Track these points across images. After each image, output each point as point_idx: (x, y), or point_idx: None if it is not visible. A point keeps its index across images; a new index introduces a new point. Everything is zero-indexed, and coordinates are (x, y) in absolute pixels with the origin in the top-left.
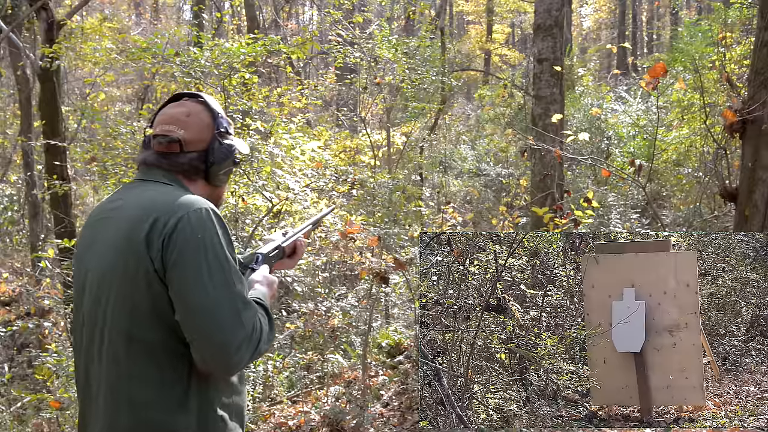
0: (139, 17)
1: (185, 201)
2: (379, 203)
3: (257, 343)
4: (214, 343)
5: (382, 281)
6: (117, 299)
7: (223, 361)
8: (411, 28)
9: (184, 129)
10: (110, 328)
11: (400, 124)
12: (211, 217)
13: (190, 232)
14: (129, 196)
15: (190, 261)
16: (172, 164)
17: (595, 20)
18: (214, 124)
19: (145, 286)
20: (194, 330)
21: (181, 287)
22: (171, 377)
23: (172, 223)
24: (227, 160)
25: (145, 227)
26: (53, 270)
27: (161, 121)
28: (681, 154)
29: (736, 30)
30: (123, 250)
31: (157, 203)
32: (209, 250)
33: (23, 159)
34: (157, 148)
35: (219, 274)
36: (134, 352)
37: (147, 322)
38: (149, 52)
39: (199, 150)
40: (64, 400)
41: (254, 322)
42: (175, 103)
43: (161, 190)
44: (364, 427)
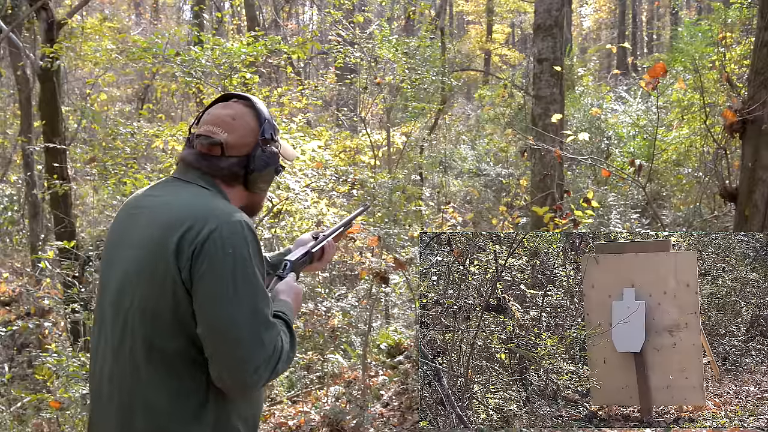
0: (139, 17)
1: (220, 211)
2: (379, 203)
3: (276, 364)
4: (233, 362)
5: (382, 281)
6: (141, 303)
7: (239, 381)
8: (411, 28)
9: (228, 132)
10: (132, 331)
11: (400, 124)
12: (244, 230)
13: (222, 245)
14: (165, 194)
15: (217, 275)
16: (212, 167)
17: (595, 20)
18: (259, 129)
19: (170, 293)
20: (214, 346)
21: (205, 301)
22: (189, 387)
23: (204, 234)
24: (268, 168)
25: (178, 234)
26: (53, 270)
27: (207, 121)
28: (681, 154)
29: (736, 30)
30: (153, 254)
31: (192, 209)
32: (238, 266)
33: (23, 159)
34: (199, 148)
35: (245, 291)
36: (154, 359)
37: (169, 331)
38: (150, 52)
39: (241, 155)
40: (64, 400)
41: (275, 342)
42: (223, 103)
43: (198, 194)
44: (364, 427)
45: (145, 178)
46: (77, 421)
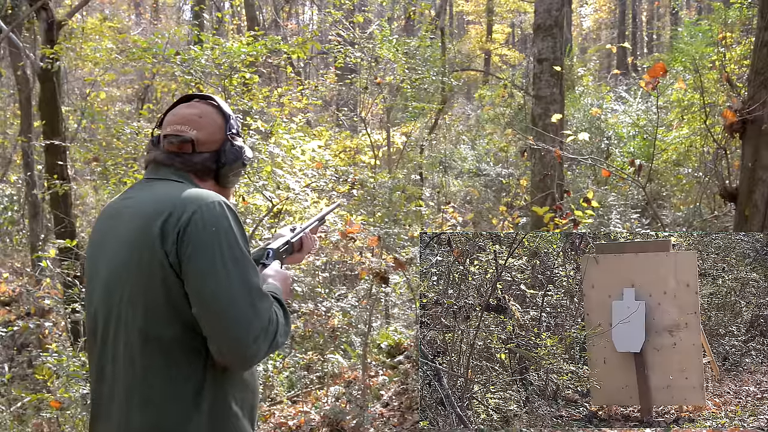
0: (139, 17)
1: (198, 195)
2: (379, 203)
3: (274, 335)
4: (231, 335)
5: (382, 281)
6: (131, 296)
7: (240, 353)
8: (411, 28)
9: (197, 129)
10: (125, 326)
11: (400, 124)
12: (224, 209)
13: (205, 225)
14: (140, 194)
15: (205, 254)
16: (185, 163)
17: (595, 20)
18: (226, 126)
19: (159, 281)
20: (211, 323)
21: (196, 281)
22: (185, 373)
23: (186, 217)
24: (237, 161)
25: (159, 221)
26: (53, 270)
27: (172, 121)
28: (681, 154)
29: (736, 30)
30: (137, 246)
31: (170, 198)
32: (224, 243)
33: (23, 159)
34: (169, 147)
35: (234, 266)
36: (149, 350)
37: (162, 319)
38: (150, 52)
39: (211, 151)
40: (64, 400)
41: (270, 314)
42: (186, 104)
43: (173, 186)
44: (364, 427)
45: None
46: (77, 421)
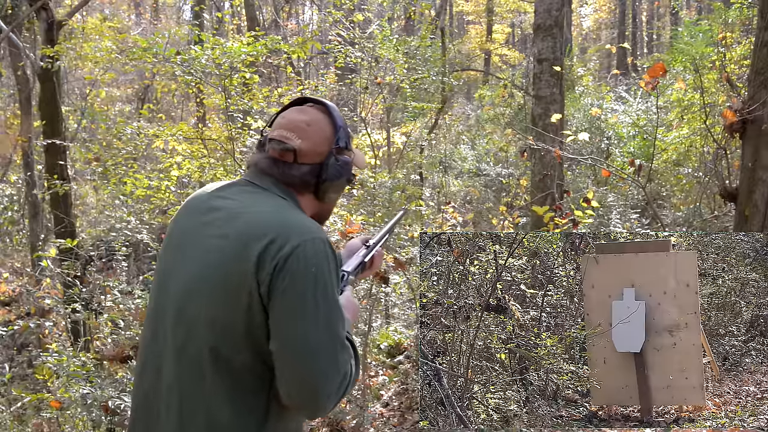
0: (139, 17)
1: (303, 226)
2: (379, 203)
3: (345, 390)
4: (307, 386)
5: (382, 281)
6: (210, 312)
7: (311, 406)
8: (411, 28)
9: (302, 138)
10: (197, 339)
11: (400, 124)
12: (326, 249)
13: (305, 263)
14: (242, 200)
15: (299, 292)
16: (284, 175)
17: (595, 20)
18: (334, 137)
19: (245, 306)
20: (288, 366)
21: (283, 317)
22: (252, 401)
23: (288, 249)
24: (341, 178)
25: (259, 246)
26: (53, 270)
27: (281, 125)
28: (681, 154)
29: (736, 30)
30: (228, 263)
31: (273, 221)
32: (319, 285)
33: (23, 159)
34: (271, 152)
35: (326, 312)
36: (219, 371)
37: (238, 343)
38: (150, 52)
39: (314, 163)
40: (64, 400)
41: (347, 368)
42: (298, 107)
43: (277, 204)
44: (364, 427)
45: (145, 178)
46: (77, 421)
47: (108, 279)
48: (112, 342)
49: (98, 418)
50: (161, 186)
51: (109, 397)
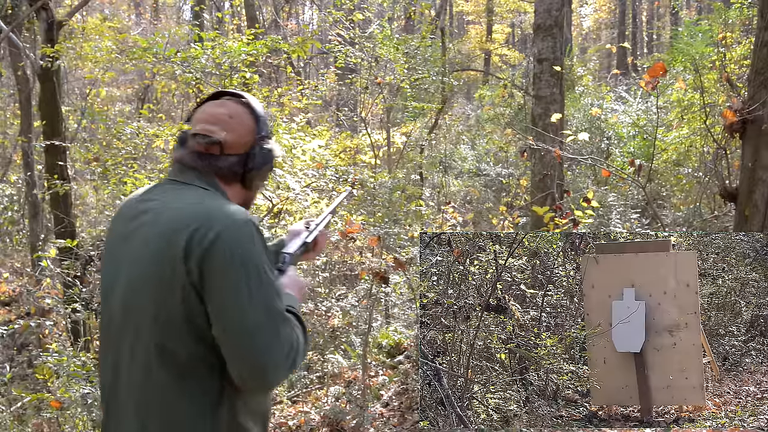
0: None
1: (225, 211)
2: (379, 203)
3: (294, 359)
4: (253, 362)
5: (382, 281)
6: (150, 309)
7: (261, 381)
8: (411, 28)
9: (227, 131)
10: (142, 338)
11: (400, 124)
12: (251, 229)
13: (231, 245)
14: (165, 198)
15: (230, 276)
16: (211, 166)
17: (595, 20)
18: (256, 127)
19: (180, 297)
20: (232, 348)
21: (220, 303)
22: (202, 390)
23: (212, 235)
24: (266, 166)
25: (184, 237)
26: (53, 270)
27: (202, 119)
28: (681, 154)
29: (736, 30)
30: (160, 258)
31: (196, 211)
32: (249, 264)
33: (23, 159)
34: (196, 147)
35: (259, 289)
36: (166, 363)
37: (181, 334)
38: (150, 52)
39: (239, 153)
40: (64, 400)
41: (292, 339)
42: (217, 101)
43: (199, 195)
44: (364, 427)
45: (145, 178)
46: (77, 421)
47: None
48: None
49: (98, 418)
50: None
51: None
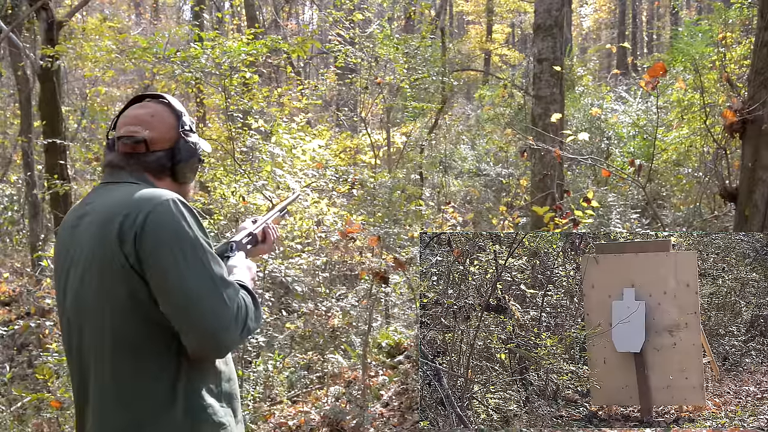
0: (139, 17)
1: (152, 194)
2: (379, 203)
3: (245, 321)
4: (202, 327)
5: (382, 281)
6: (98, 300)
7: (213, 343)
8: (411, 28)
9: (149, 129)
10: (94, 329)
11: (400, 124)
12: (179, 206)
13: (161, 224)
14: (99, 199)
15: (165, 252)
16: (139, 163)
17: (595, 20)
18: (178, 123)
19: (123, 283)
20: (180, 318)
21: (160, 280)
22: (157, 369)
23: (141, 218)
24: (193, 158)
25: (116, 225)
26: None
27: (125, 122)
28: (681, 154)
29: (736, 30)
30: (97, 251)
31: (125, 200)
32: (182, 239)
33: (23, 159)
34: (123, 149)
35: (195, 260)
36: (120, 351)
37: (130, 319)
38: (150, 51)
39: (165, 149)
40: (64, 400)
41: (237, 300)
42: (138, 104)
43: (128, 188)
44: (364, 427)
45: None
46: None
47: None
48: None
49: None
50: None
51: None
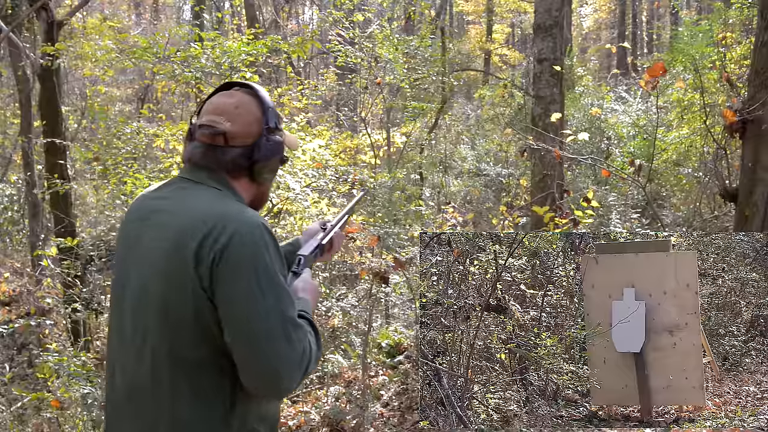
0: (139, 17)
1: (236, 214)
2: (379, 203)
3: (307, 366)
4: (265, 369)
5: (382, 281)
6: (161, 314)
7: (274, 389)
8: (411, 28)
9: (231, 121)
10: (153, 344)
11: (400, 124)
12: (263, 233)
13: (242, 251)
14: (177, 198)
15: (241, 282)
16: (217, 161)
17: (595, 20)
18: (263, 117)
19: (191, 302)
20: (244, 355)
21: (231, 310)
22: (213, 396)
23: (223, 241)
24: (273, 158)
25: (196, 240)
26: (53, 270)
27: (208, 110)
28: (681, 154)
29: (736, 30)
30: (171, 263)
31: (208, 214)
32: (260, 271)
33: (23, 159)
34: (201, 138)
35: (270, 296)
36: (177, 369)
37: (192, 339)
38: (150, 51)
39: (245, 145)
40: (64, 400)
41: (304, 345)
42: (225, 92)
43: (211, 197)
44: (364, 427)
45: (145, 178)
46: (77, 421)
47: (108, 279)
48: None
49: (98, 418)
50: None
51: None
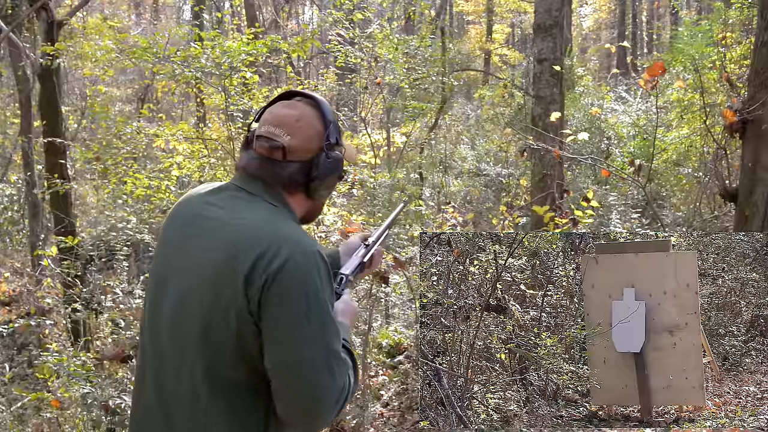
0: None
1: (293, 238)
2: (379, 203)
3: (344, 402)
4: (304, 399)
5: (382, 281)
6: (203, 330)
7: (308, 418)
8: (411, 28)
9: (291, 135)
10: (192, 358)
11: (400, 124)
12: (317, 262)
13: (295, 277)
14: (230, 209)
15: (290, 309)
16: (274, 176)
17: (595, 20)
18: (324, 132)
19: (235, 323)
20: (284, 384)
21: (276, 336)
22: (248, 418)
23: (277, 264)
24: (331, 175)
25: (249, 261)
26: (53, 269)
27: (268, 120)
28: (681, 154)
29: (736, 30)
30: (219, 278)
31: (264, 234)
32: (311, 300)
33: (23, 159)
34: (259, 150)
35: (318, 328)
36: (215, 388)
37: (231, 359)
38: (150, 51)
39: (303, 161)
40: (64, 400)
41: (345, 381)
42: (286, 102)
43: (267, 213)
44: (364, 427)
45: (145, 178)
46: (77, 421)
47: (108, 279)
48: (113, 342)
49: (98, 417)
50: (161, 186)
51: (109, 397)
